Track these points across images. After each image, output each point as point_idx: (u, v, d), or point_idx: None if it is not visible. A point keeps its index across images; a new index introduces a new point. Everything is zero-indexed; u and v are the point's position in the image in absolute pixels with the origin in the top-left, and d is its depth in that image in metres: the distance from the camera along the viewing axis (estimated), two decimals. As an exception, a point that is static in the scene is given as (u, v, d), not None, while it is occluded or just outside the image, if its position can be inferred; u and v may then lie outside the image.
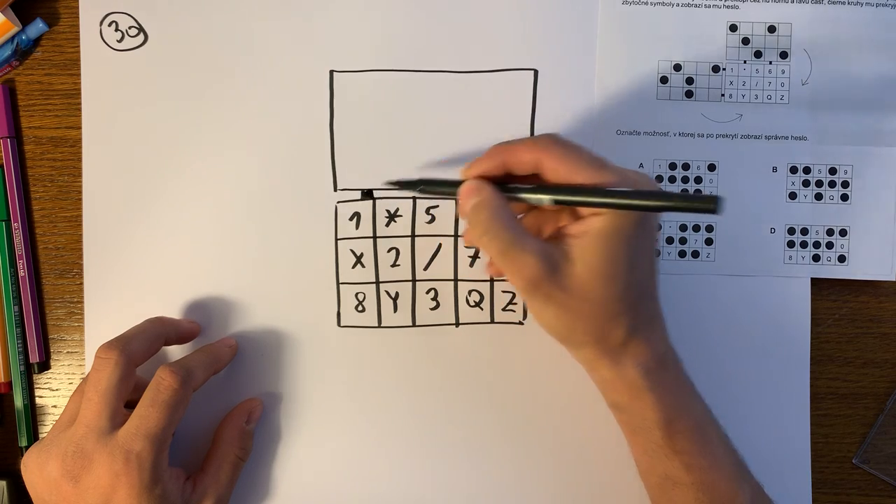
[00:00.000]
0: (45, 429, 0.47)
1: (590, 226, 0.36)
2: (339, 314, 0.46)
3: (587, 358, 0.40)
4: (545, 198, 0.37)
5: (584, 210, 0.37)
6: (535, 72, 0.46)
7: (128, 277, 0.46)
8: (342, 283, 0.46)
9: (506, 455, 0.46)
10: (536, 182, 0.38)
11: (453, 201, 0.46)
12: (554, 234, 0.39)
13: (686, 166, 0.46)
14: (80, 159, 0.46)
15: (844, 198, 0.47)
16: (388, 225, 0.46)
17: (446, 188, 0.40)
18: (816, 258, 0.47)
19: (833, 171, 0.47)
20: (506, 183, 0.39)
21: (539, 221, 0.41)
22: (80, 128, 0.46)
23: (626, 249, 0.36)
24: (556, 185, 0.37)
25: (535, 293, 0.37)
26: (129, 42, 0.46)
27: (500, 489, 0.46)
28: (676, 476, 0.39)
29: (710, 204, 0.33)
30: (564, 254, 0.37)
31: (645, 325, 0.38)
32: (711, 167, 0.46)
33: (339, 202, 0.46)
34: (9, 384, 0.47)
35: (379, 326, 0.46)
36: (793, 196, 0.47)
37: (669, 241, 0.47)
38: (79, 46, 0.46)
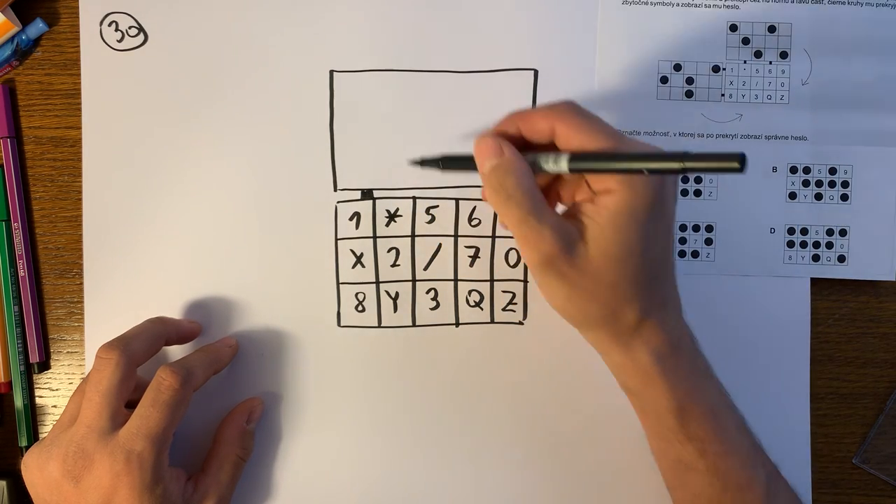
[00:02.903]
0: (45, 429, 0.47)
1: (603, 205, 0.36)
2: (339, 314, 0.46)
3: (599, 340, 0.39)
4: (563, 163, 0.36)
5: (597, 187, 0.36)
6: (535, 72, 0.46)
7: (128, 277, 0.46)
8: (342, 283, 0.46)
9: (506, 455, 0.46)
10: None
11: (453, 201, 0.46)
12: (570, 212, 0.38)
13: (686, 166, 0.46)
14: (80, 159, 0.46)
15: (844, 198, 0.47)
16: (388, 225, 0.46)
17: (469, 163, 0.39)
18: (816, 258, 0.47)
19: (833, 171, 0.47)
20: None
21: (551, 197, 0.40)
22: (80, 128, 0.46)
23: (640, 231, 0.36)
24: (573, 151, 0.36)
25: (549, 270, 0.36)
26: (129, 42, 0.46)
27: (500, 489, 0.46)
28: (690, 461, 0.39)
29: (733, 162, 0.31)
30: (580, 232, 0.36)
31: (658, 308, 0.38)
32: (711, 167, 0.46)
33: (339, 202, 0.46)
34: (9, 384, 0.47)
35: (379, 326, 0.46)
36: (793, 196, 0.47)
37: (669, 241, 0.47)
38: (79, 46, 0.46)
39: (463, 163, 0.40)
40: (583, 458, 0.46)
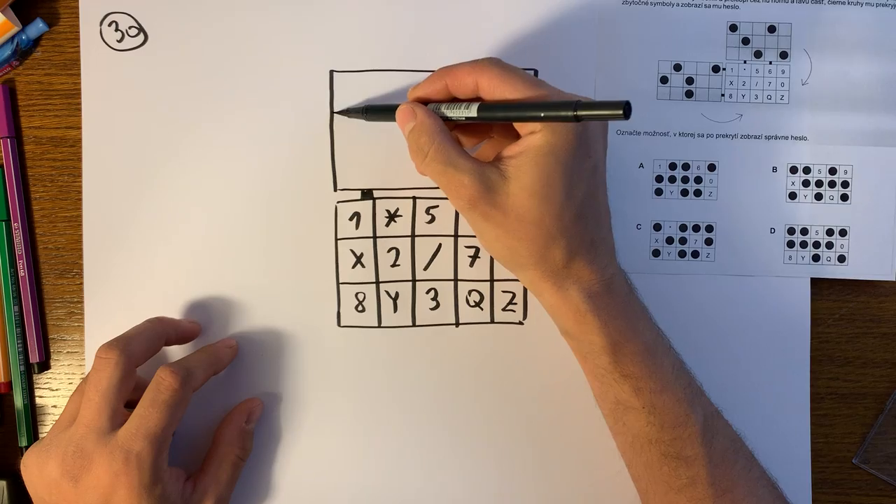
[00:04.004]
0: (45, 429, 0.47)
1: (525, 145, 0.37)
2: (339, 314, 0.46)
3: (531, 280, 0.40)
4: (471, 112, 0.38)
5: (522, 131, 0.38)
6: (535, 72, 0.46)
7: (128, 277, 0.46)
8: (342, 283, 0.46)
9: (506, 455, 0.46)
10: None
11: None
12: (495, 157, 0.39)
13: (686, 166, 0.46)
14: (80, 159, 0.46)
15: (844, 198, 0.47)
16: (388, 225, 0.46)
17: (389, 113, 0.42)
18: (816, 258, 0.47)
19: (833, 171, 0.47)
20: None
21: (492, 148, 0.41)
22: (80, 128, 0.46)
23: (561, 168, 0.37)
24: (487, 102, 0.38)
25: (473, 212, 0.38)
26: (129, 42, 0.46)
27: (500, 488, 0.46)
28: (627, 400, 0.40)
29: (618, 110, 0.33)
30: (500, 173, 0.38)
31: (587, 248, 0.39)
32: (711, 167, 0.46)
33: (339, 202, 0.46)
34: (9, 384, 0.47)
35: (379, 326, 0.46)
36: (793, 196, 0.47)
37: (669, 241, 0.47)
38: (79, 46, 0.46)
39: (384, 112, 0.43)
40: (583, 457, 0.46)
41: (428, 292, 0.46)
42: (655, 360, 0.40)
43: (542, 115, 0.36)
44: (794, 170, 0.47)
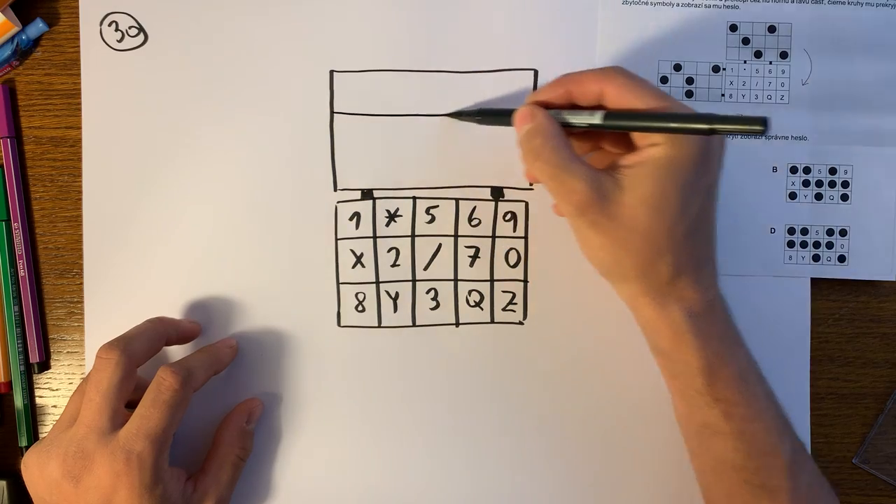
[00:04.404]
0: (45, 429, 0.47)
1: (644, 156, 0.36)
2: (339, 314, 0.46)
3: (631, 294, 0.39)
4: (595, 120, 0.37)
5: (641, 142, 0.37)
6: (535, 72, 0.46)
7: (128, 277, 0.46)
8: (342, 283, 0.46)
9: (506, 455, 0.46)
10: None
11: (453, 201, 0.46)
12: (610, 165, 0.39)
13: (686, 166, 0.46)
14: (80, 159, 0.46)
15: (844, 198, 0.47)
16: (388, 225, 0.46)
17: (504, 117, 0.41)
18: (816, 258, 0.47)
19: (833, 171, 0.47)
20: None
21: (603, 161, 0.41)
22: (80, 128, 0.46)
23: (679, 183, 0.36)
24: (612, 110, 0.38)
25: (582, 219, 0.37)
26: (129, 42, 0.46)
27: (500, 489, 0.46)
28: (715, 424, 0.39)
29: (757, 125, 0.33)
30: (616, 182, 0.37)
31: (694, 266, 0.38)
32: (711, 167, 0.46)
33: (339, 202, 0.46)
34: (9, 384, 0.47)
35: (379, 326, 0.46)
36: (793, 196, 0.47)
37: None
38: (79, 46, 0.46)
39: (498, 116, 0.42)
40: (583, 457, 0.46)
41: (428, 292, 0.46)
42: (749, 386, 0.39)
43: (675, 126, 0.35)
44: (794, 170, 0.47)
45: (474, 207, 0.46)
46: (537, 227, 0.46)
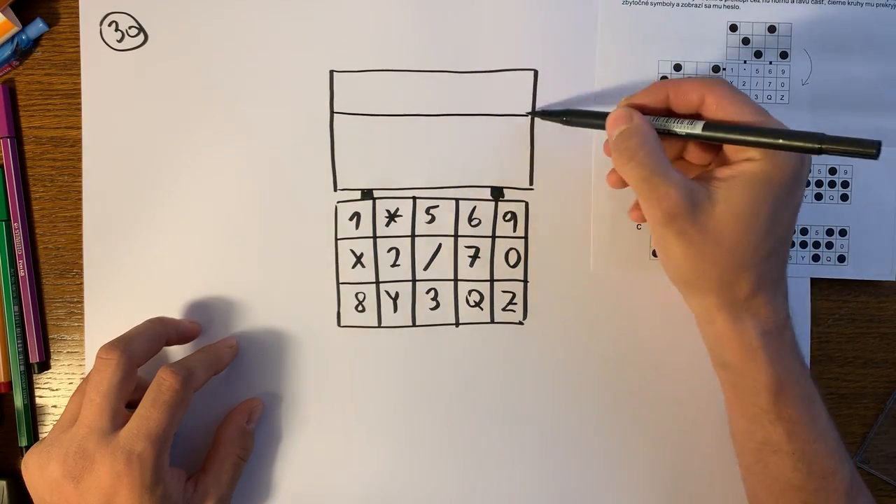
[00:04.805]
0: (46, 429, 0.47)
1: (739, 170, 0.36)
2: (339, 314, 0.46)
3: (706, 307, 0.39)
4: (696, 129, 0.37)
5: (735, 156, 0.37)
6: (535, 72, 0.46)
7: (128, 277, 0.46)
8: (342, 283, 0.46)
9: (506, 455, 0.46)
10: None
11: (453, 201, 0.46)
12: (701, 175, 0.38)
13: (686, 166, 0.46)
14: (80, 159, 0.46)
15: (844, 198, 0.47)
16: (388, 225, 0.46)
17: (593, 119, 0.41)
18: (816, 258, 0.47)
19: (833, 171, 0.47)
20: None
21: (685, 170, 0.40)
22: (80, 128, 0.46)
23: (773, 199, 0.36)
24: (714, 121, 0.37)
25: (670, 227, 0.37)
26: (129, 42, 0.46)
27: (500, 488, 0.46)
28: (777, 443, 0.39)
29: (870, 148, 0.32)
30: (709, 193, 0.37)
31: (772, 284, 0.38)
32: (711, 167, 0.46)
33: (339, 202, 0.46)
34: (9, 384, 0.47)
35: (379, 326, 0.46)
36: (793, 196, 0.47)
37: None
38: (79, 46, 0.46)
39: (587, 118, 0.42)
40: (583, 457, 0.46)
41: (428, 292, 0.46)
42: (813, 407, 0.39)
43: (783, 143, 0.35)
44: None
45: (474, 207, 0.46)
46: (537, 227, 0.46)
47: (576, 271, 0.46)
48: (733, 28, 0.46)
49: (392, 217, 0.46)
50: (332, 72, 0.46)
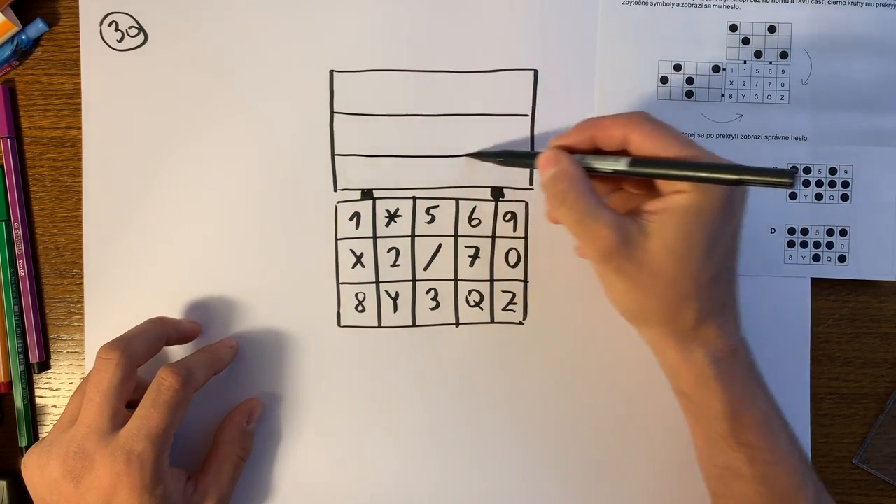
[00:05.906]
0: (45, 429, 0.47)
1: (670, 203, 0.36)
2: (339, 314, 0.46)
3: (654, 338, 0.39)
4: (621, 166, 0.37)
5: (665, 188, 0.37)
6: (535, 72, 0.46)
7: (128, 277, 0.46)
8: (342, 283, 0.46)
9: (506, 455, 0.46)
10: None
11: (453, 201, 0.46)
12: (633, 210, 0.39)
13: (686, 166, 0.46)
14: (80, 159, 0.46)
15: (844, 198, 0.47)
16: (388, 225, 0.46)
17: (526, 159, 0.42)
18: (816, 258, 0.47)
19: (833, 171, 0.47)
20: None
21: (624, 202, 0.41)
22: (80, 128, 0.46)
23: (705, 230, 0.36)
24: (638, 157, 0.37)
25: (607, 265, 0.37)
26: (129, 42, 0.46)
27: (499, 489, 0.46)
28: (738, 468, 0.39)
29: (786, 178, 0.33)
30: (641, 228, 0.37)
31: (718, 311, 0.38)
32: (711, 167, 0.46)
33: (339, 202, 0.46)
34: (9, 384, 0.47)
35: (379, 326, 0.46)
36: (793, 196, 0.47)
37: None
38: (79, 46, 0.46)
39: (521, 158, 0.44)
40: (582, 457, 0.46)
41: (428, 292, 0.46)
42: (773, 431, 0.39)
43: (702, 175, 0.35)
44: (794, 170, 0.46)
45: (474, 207, 0.46)
46: (537, 227, 0.46)
47: (576, 271, 0.46)
48: (733, 28, 0.46)
49: (392, 217, 0.46)
50: (332, 72, 0.46)
